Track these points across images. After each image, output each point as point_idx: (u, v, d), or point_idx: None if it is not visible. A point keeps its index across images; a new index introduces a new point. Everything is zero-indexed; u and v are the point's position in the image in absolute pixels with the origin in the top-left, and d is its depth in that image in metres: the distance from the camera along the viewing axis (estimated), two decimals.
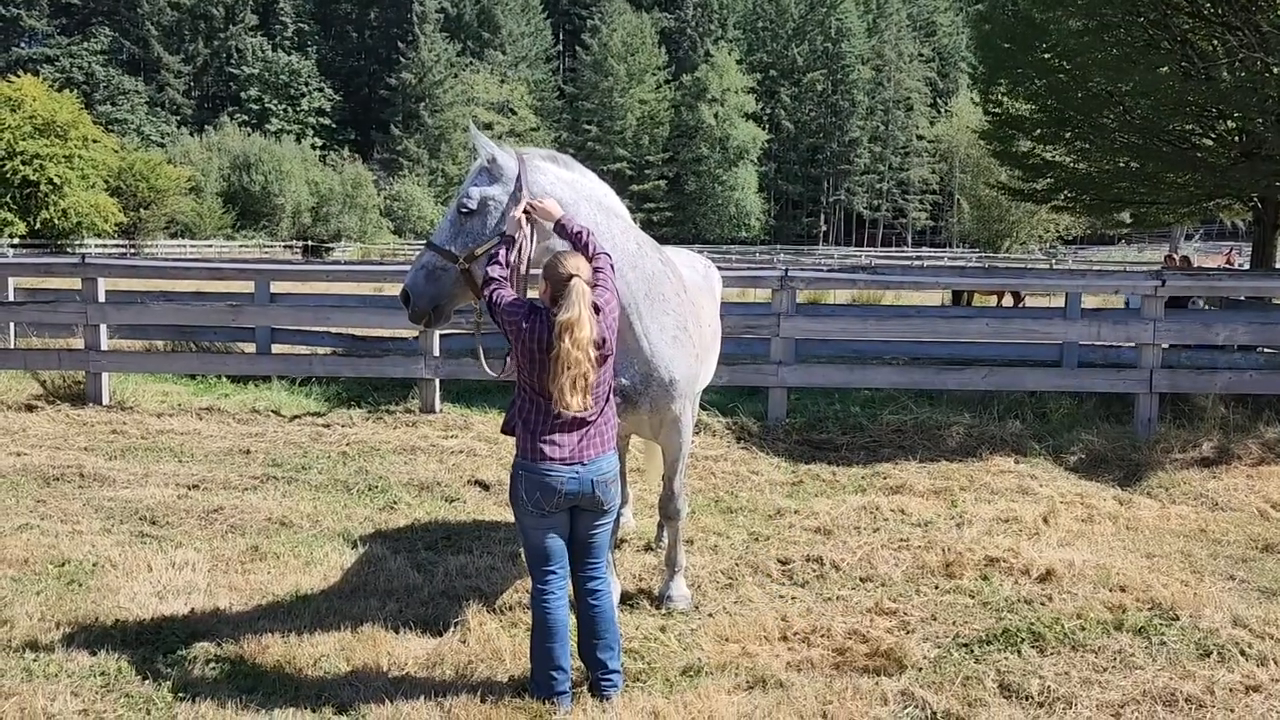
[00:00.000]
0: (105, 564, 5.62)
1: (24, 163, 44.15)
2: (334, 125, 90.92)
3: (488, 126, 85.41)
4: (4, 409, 9.77)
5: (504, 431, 4.32)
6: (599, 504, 4.16)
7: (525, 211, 4.38)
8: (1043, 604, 5.30)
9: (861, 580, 5.73)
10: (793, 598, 5.46)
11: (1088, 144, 16.49)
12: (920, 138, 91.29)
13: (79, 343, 10.38)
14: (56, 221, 45.22)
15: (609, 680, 4.21)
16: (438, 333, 10.00)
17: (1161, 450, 8.68)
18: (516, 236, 4.35)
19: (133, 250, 45.86)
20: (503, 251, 4.30)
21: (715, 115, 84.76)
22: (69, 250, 38.75)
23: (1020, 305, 19.43)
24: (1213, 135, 15.24)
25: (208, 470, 7.81)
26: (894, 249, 77.24)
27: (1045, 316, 11.81)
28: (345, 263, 20.53)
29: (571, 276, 4.03)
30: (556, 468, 4.06)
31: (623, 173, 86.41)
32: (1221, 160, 14.73)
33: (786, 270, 9.63)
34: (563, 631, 4.11)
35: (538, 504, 4.07)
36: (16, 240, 43.01)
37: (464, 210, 4.52)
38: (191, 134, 74.43)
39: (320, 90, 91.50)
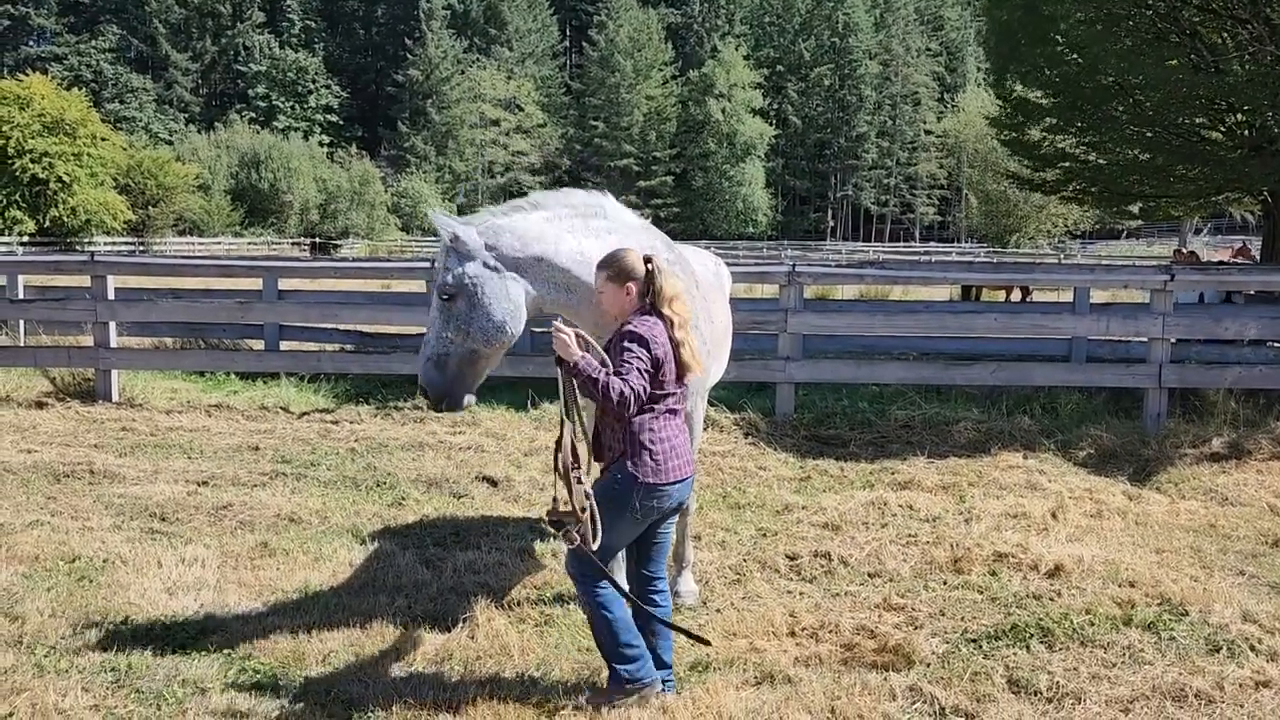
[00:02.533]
0: (115, 560, 5.64)
1: (33, 161, 44.31)
2: (341, 122, 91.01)
3: (494, 123, 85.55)
4: (14, 406, 9.81)
5: (599, 460, 4.07)
6: (684, 506, 4.27)
7: (561, 360, 4.02)
8: (1051, 599, 5.29)
9: (869, 576, 5.72)
10: (801, 593, 5.46)
11: (1098, 135, 16.44)
12: (928, 133, 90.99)
13: (88, 340, 10.41)
14: (65, 219, 45.38)
15: (670, 681, 4.19)
16: None
17: (1171, 445, 8.65)
18: (575, 355, 3.95)
19: (141, 248, 45.99)
20: (582, 363, 3.91)
21: (722, 111, 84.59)
22: (78, 248, 38.87)
23: (1028, 300, 19.38)
24: (1222, 128, 15.19)
25: (217, 467, 7.84)
26: (902, 244, 77.06)
27: (1054, 311, 11.79)
28: (353, 260, 20.55)
29: (648, 258, 4.04)
30: (682, 483, 4.03)
31: (630, 169, 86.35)
32: (1231, 154, 14.69)
33: (794, 266, 9.62)
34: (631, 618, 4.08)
35: (649, 513, 4.00)
36: (26, 238, 43.16)
37: (445, 297, 4.38)
38: (199, 131, 74.57)
39: (327, 87, 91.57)
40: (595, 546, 3.86)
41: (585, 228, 4.69)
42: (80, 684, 4.18)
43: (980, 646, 4.70)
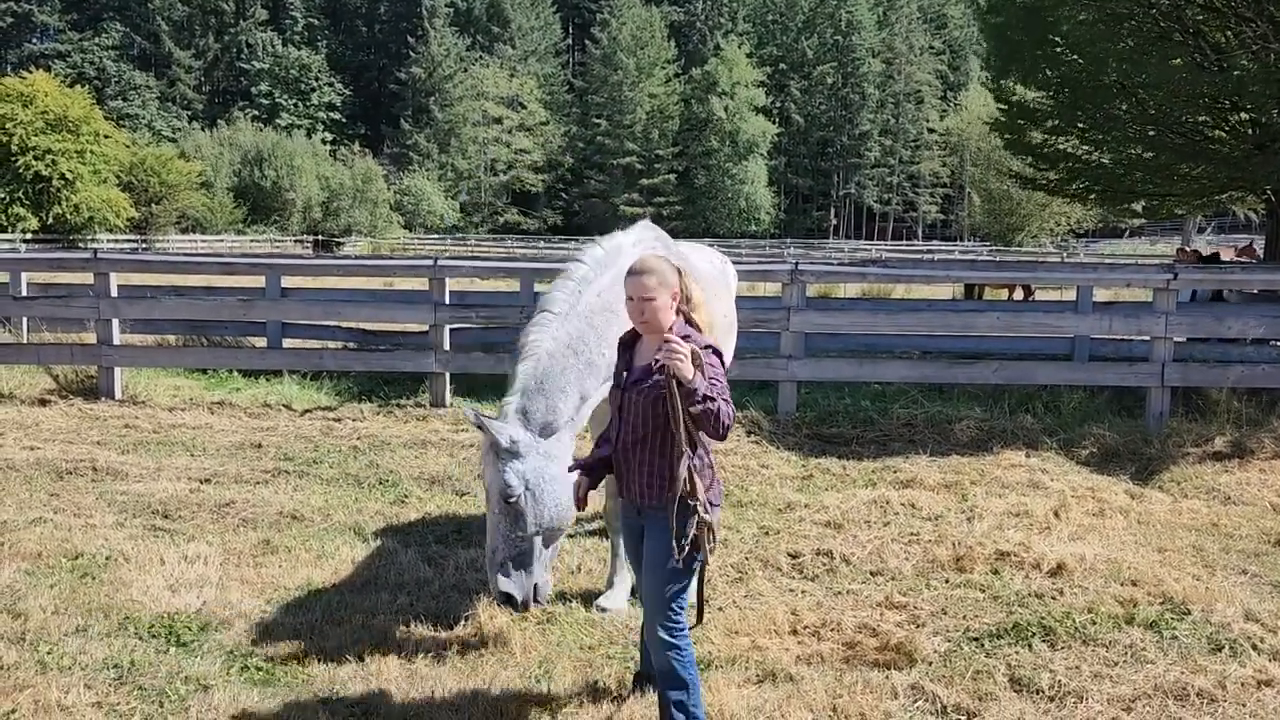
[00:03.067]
0: (118, 557, 5.65)
1: (36, 158, 44.34)
2: (344, 120, 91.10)
3: (497, 120, 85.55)
4: (17, 403, 9.82)
5: (688, 498, 3.56)
6: None
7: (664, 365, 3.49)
8: (1053, 598, 5.28)
9: (872, 574, 5.72)
10: (803, 591, 5.46)
11: (1100, 134, 16.41)
12: (931, 131, 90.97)
13: (91, 337, 10.42)
14: (69, 216, 45.41)
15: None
16: (448, 327, 10.02)
17: (1174, 444, 8.64)
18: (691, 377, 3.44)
19: (144, 245, 46.00)
20: (704, 386, 3.45)
21: (725, 109, 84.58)
22: (81, 245, 38.88)
23: (1030, 299, 19.36)
24: (1226, 127, 15.15)
25: (219, 464, 7.85)
26: (904, 242, 76.99)
27: (1056, 310, 11.79)
28: (355, 257, 20.55)
29: (676, 267, 3.75)
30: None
31: (632, 167, 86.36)
32: (1234, 152, 14.65)
33: (797, 264, 9.61)
34: None
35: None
36: (29, 235, 43.20)
37: (511, 500, 4.34)
38: (202, 129, 74.65)
39: (330, 85, 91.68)
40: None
41: (595, 335, 4.71)
42: (83, 681, 4.19)
43: (982, 645, 4.70)
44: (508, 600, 4.41)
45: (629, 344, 3.82)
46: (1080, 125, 16.49)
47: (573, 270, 4.86)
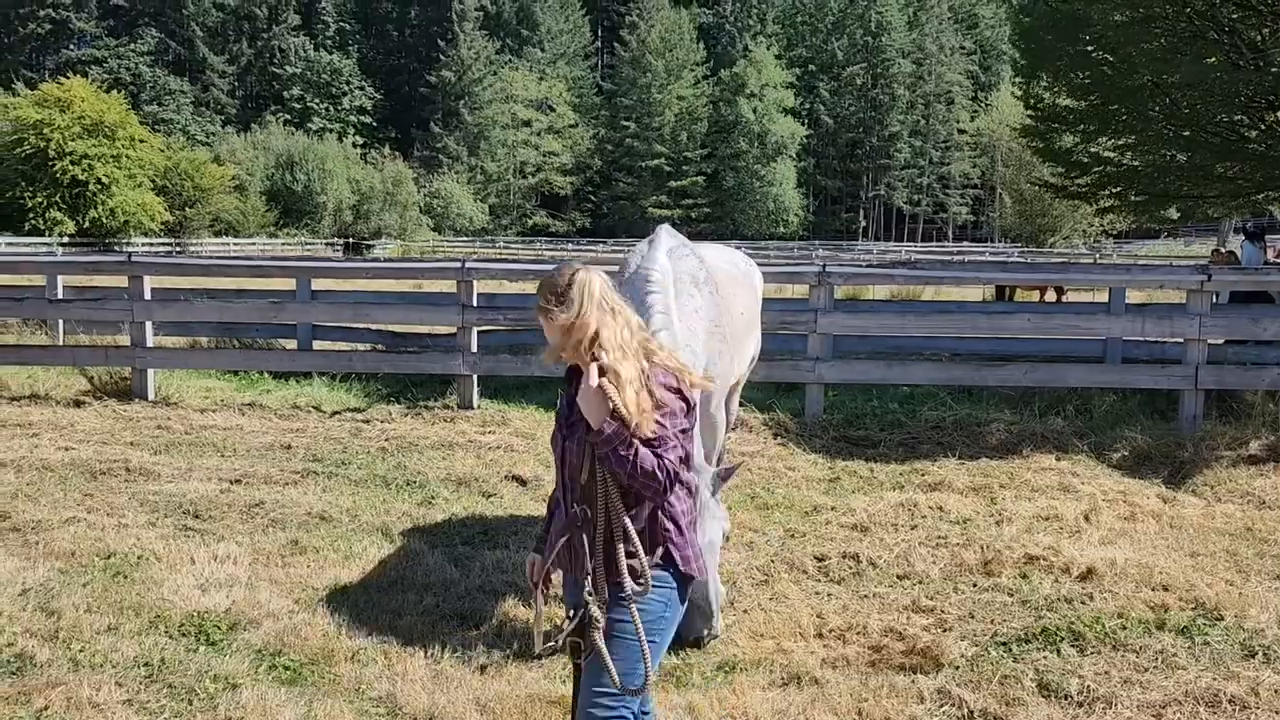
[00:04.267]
0: (150, 557, 5.72)
1: (73, 163, 45.07)
2: (375, 123, 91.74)
3: (526, 123, 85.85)
4: (53, 404, 9.97)
5: (688, 571, 3.04)
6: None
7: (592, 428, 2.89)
8: (1083, 603, 5.23)
9: (899, 578, 5.69)
10: (829, 595, 5.43)
11: (1133, 137, 16.24)
12: (962, 131, 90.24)
13: (125, 340, 10.56)
14: (104, 220, 46.09)
15: None
16: (475, 329, 10.06)
17: (1207, 448, 8.51)
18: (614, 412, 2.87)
19: (178, 248, 46.57)
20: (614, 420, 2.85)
21: (754, 110, 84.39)
22: (117, 249, 39.42)
23: (1061, 300, 19.17)
24: (1262, 125, 14.95)
25: (249, 465, 7.92)
26: (935, 244, 76.49)
27: (1088, 312, 11.66)
28: (384, 260, 20.70)
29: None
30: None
31: (661, 169, 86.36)
32: (1272, 151, 14.45)
33: (824, 266, 9.58)
34: None
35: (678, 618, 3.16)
36: (66, 239, 43.85)
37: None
38: (236, 133, 75.43)
39: (361, 89, 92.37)
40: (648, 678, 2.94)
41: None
42: (114, 679, 4.24)
43: (1010, 649, 4.66)
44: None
45: (573, 376, 3.05)
46: (1112, 128, 16.34)
47: (654, 304, 4.77)
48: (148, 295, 10.31)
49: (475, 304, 10.09)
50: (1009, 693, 4.20)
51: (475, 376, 10.01)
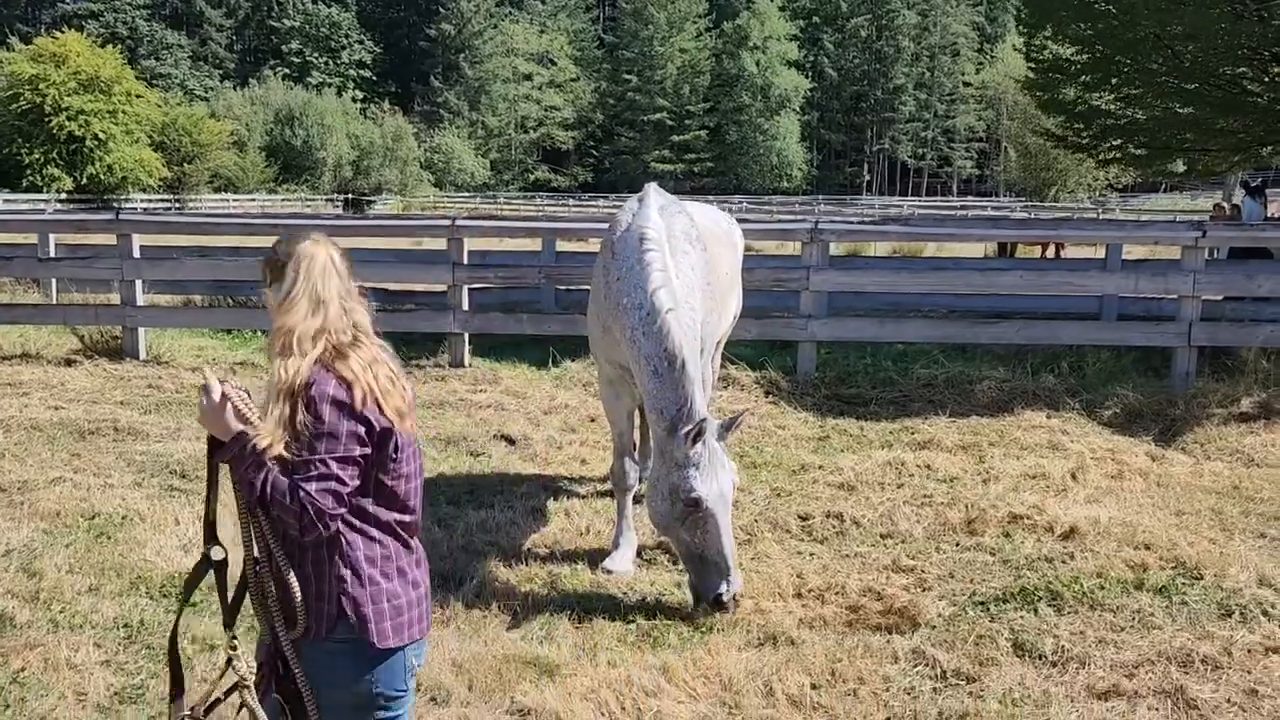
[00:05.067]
0: (134, 517, 5.73)
1: (69, 118, 44.67)
2: (374, 78, 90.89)
3: (527, 77, 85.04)
4: (44, 363, 9.95)
5: (366, 635, 2.46)
6: None
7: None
8: (1064, 562, 5.23)
9: (881, 537, 5.69)
10: (810, 554, 5.44)
11: (1135, 90, 16.04)
12: (967, 84, 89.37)
13: (116, 298, 10.52)
14: (102, 177, 45.81)
15: None
16: (466, 287, 10.01)
17: (1199, 405, 8.49)
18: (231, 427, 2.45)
19: (178, 205, 46.35)
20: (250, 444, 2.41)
21: (757, 63, 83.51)
22: (115, 205, 39.26)
23: (1060, 256, 19.05)
24: (1265, 79, 14.75)
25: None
26: (939, 198, 76.01)
27: (1082, 269, 11.58)
28: (375, 217, 20.59)
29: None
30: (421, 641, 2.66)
31: (663, 123, 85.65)
32: (1275, 105, 14.27)
33: (816, 223, 9.50)
34: None
35: (374, 704, 2.54)
36: (64, 196, 43.65)
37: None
38: (234, 88, 74.77)
39: (360, 43, 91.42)
40: None
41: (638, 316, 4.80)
42: (93, 640, 4.26)
43: (987, 609, 4.67)
44: (735, 600, 4.59)
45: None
46: (1114, 80, 16.14)
47: (652, 261, 4.83)
48: (136, 254, 10.26)
49: (466, 262, 10.03)
50: (983, 653, 4.21)
51: (466, 335, 9.98)
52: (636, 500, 5.65)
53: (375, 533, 2.50)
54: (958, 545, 5.56)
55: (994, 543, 5.56)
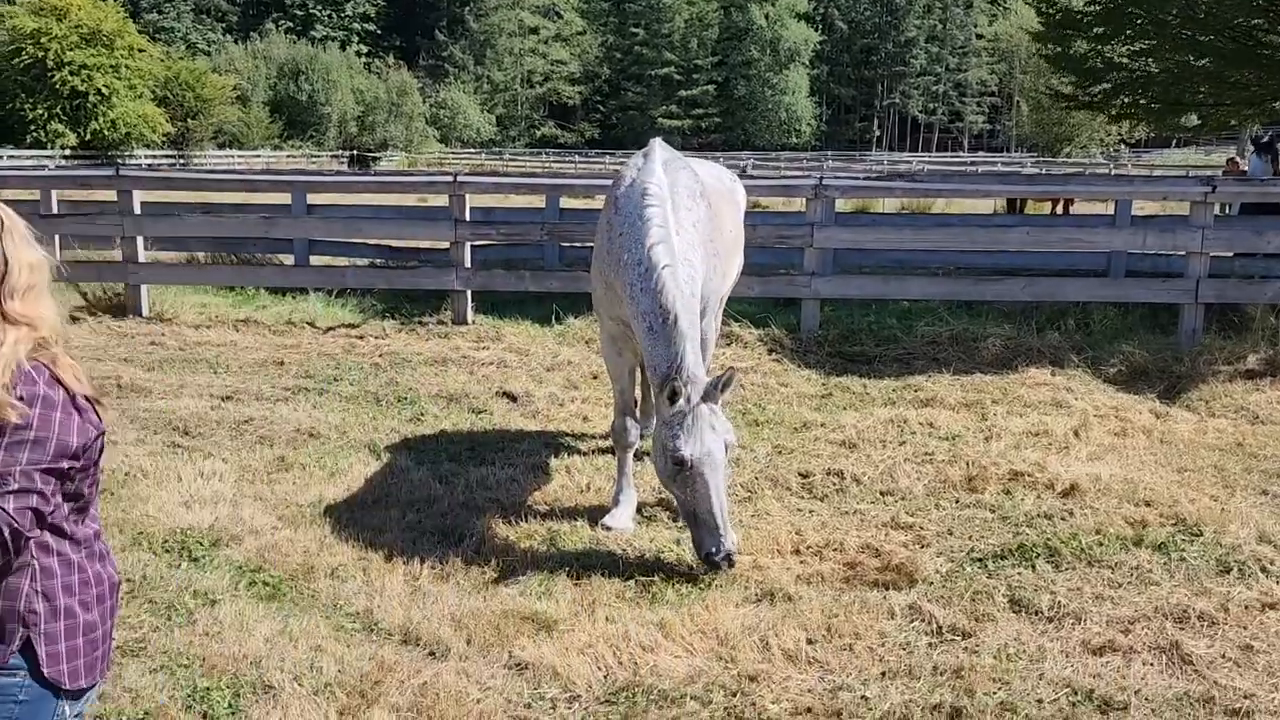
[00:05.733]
0: (137, 473, 5.76)
1: (72, 73, 44.46)
2: (378, 31, 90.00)
3: (533, 30, 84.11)
4: None
5: (54, 677, 2.07)
6: None
7: None
8: (1063, 519, 5.23)
9: (881, 494, 5.70)
10: (810, 511, 5.45)
11: (1149, 42, 15.80)
12: (979, 37, 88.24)
13: (118, 255, 10.50)
14: (106, 132, 45.65)
15: None
16: (468, 244, 9.97)
17: (1205, 362, 8.44)
18: None
19: (182, 160, 46.19)
20: None
21: (766, 16, 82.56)
22: (120, 161, 39.13)
23: (1068, 212, 18.87)
24: None
25: (241, 382, 7.94)
26: (949, 154, 75.32)
27: (1089, 224, 11.46)
28: (377, 173, 20.51)
29: None
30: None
31: (670, 77, 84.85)
32: None
33: (820, 179, 9.43)
34: None
35: None
36: (68, 151, 43.51)
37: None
38: (236, 42, 74.17)
39: None
40: None
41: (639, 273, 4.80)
42: None
43: (985, 566, 4.68)
44: (729, 559, 4.51)
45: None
46: (1128, 31, 15.89)
47: (653, 216, 4.84)
48: (138, 210, 10.23)
49: (468, 219, 9.98)
50: (979, 608, 4.23)
51: (469, 292, 9.96)
52: (638, 457, 5.65)
53: (83, 556, 2.13)
54: (957, 503, 5.56)
55: (994, 500, 5.56)
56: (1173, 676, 3.75)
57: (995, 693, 3.61)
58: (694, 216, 5.08)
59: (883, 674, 3.77)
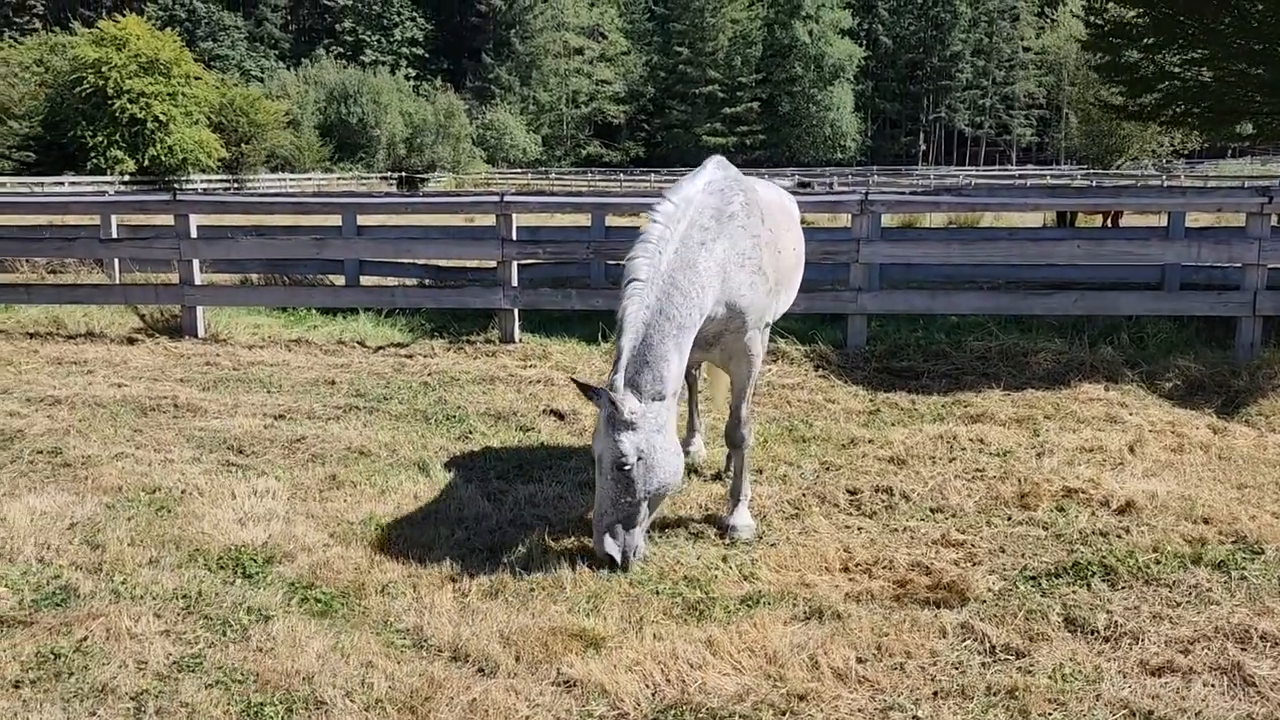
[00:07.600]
0: (193, 491, 5.87)
1: (131, 101, 45.64)
2: (426, 55, 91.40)
3: (578, 51, 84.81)
4: (107, 342, 10.21)
5: None
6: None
7: None
8: (1119, 537, 5.13)
9: (931, 511, 5.63)
10: (858, 528, 5.40)
11: (1201, 51, 15.55)
12: (1027, 49, 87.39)
13: (175, 278, 10.74)
14: (163, 158, 46.78)
15: None
16: (515, 263, 10.06)
17: (1264, 376, 8.25)
18: None
19: (235, 185, 47.12)
20: None
21: (809, 33, 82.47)
22: (177, 186, 40.03)
23: (1116, 225, 18.57)
24: None
25: (294, 401, 8.06)
26: (997, 167, 74.58)
27: (1141, 237, 11.28)
28: (425, 195, 20.76)
29: None
30: None
31: (714, 95, 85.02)
32: None
33: (866, 194, 9.37)
34: None
35: None
36: (127, 177, 44.59)
37: (625, 469, 4.58)
38: (288, 68, 75.66)
39: (413, 19, 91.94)
40: None
41: (680, 295, 4.75)
42: (153, 610, 4.38)
43: (1039, 584, 4.61)
44: (610, 561, 4.70)
45: None
46: (1180, 41, 15.66)
47: (650, 232, 4.90)
48: (194, 233, 10.46)
49: (515, 238, 10.07)
50: (1034, 627, 4.16)
51: (516, 310, 10.04)
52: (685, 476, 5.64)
53: None
54: (1009, 519, 5.48)
55: (1047, 517, 5.47)
56: (1235, 699, 3.66)
57: (1051, 714, 3.55)
58: (704, 236, 4.91)
59: (935, 694, 3.72)
